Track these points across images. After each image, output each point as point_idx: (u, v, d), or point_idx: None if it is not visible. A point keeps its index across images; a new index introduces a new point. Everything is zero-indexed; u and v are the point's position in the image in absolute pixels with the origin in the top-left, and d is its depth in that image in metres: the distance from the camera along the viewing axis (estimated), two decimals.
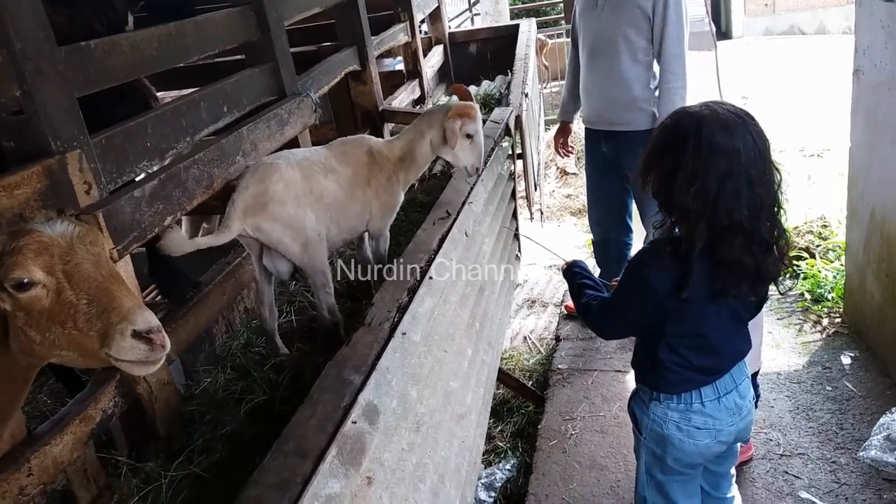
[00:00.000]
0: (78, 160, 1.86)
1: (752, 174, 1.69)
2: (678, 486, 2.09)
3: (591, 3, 3.69)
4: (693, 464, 2.05)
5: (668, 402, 1.97)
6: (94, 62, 2.02)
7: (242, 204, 2.23)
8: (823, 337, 3.93)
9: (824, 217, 5.02)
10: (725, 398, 1.95)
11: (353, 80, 4.11)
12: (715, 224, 1.71)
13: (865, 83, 3.49)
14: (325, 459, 1.39)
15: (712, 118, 1.70)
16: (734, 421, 1.97)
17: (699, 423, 1.94)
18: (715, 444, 1.98)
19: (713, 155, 1.68)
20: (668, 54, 3.49)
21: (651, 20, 3.48)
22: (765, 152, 1.72)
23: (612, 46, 3.61)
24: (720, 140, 1.68)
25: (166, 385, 2.13)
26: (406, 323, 1.99)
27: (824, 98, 8.42)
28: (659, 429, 1.99)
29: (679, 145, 1.73)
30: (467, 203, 2.88)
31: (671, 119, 1.81)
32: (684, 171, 1.71)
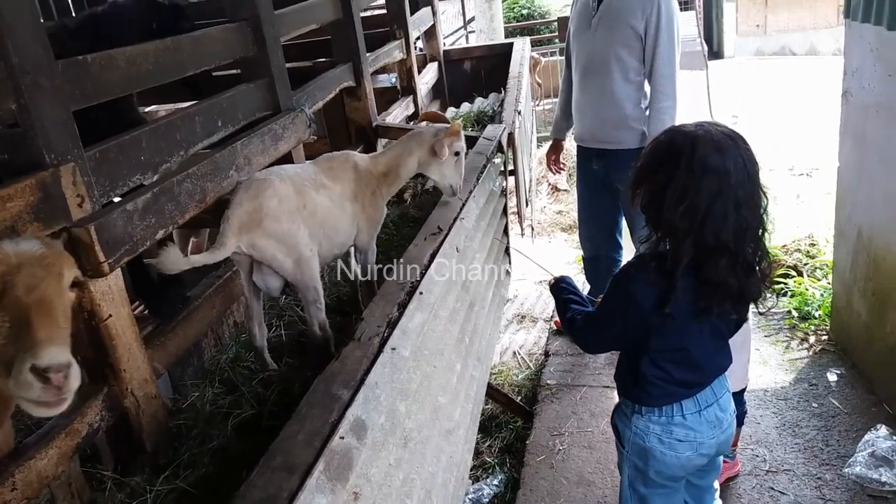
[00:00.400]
0: (72, 173, 1.87)
1: (739, 196, 1.72)
2: (661, 499, 2.11)
3: (584, 22, 3.73)
4: (675, 476, 2.07)
5: (650, 415, 2.00)
6: (90, 76, 2.04)
7: (237, 221, 2.23)
8: (810, 354, 3.97)
9: (812, 236, 5.07)
10: (706, 411, 1.98)
11: (347, 96, 4.14)
12: (701, 243, 1.73)
13: (854, 105, 3.54)
14: (312, 475, 1.39)
15: (706, 138, 1.73)
16: (715, 434, 2.00)
17: (681, 435, 1.97)
18: (696, 456, 2.01)
19: (704, 175, 1.70)
20: (659, 74, 3.54)
21: (643, 40, 3.54)
22: (754, 175, 1.75)
23: (604, 66, 3.65)
24: (712, 161, 1.70)
25: (154, 399, 2.14)
26: (396, 338, 2.01)
27: (814, 118, 8.51)
28: (641, 441, 2.01)
29: (671, 163, 1.75)
30: (459, 219, 2.91)
31: (665, 136, 1.83)
32: (674, 188, 1.73)
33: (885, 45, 3.14)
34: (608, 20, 3.60)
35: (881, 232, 3.37)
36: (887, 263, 3.32)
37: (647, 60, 3.57)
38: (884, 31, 3.10)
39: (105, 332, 1.96)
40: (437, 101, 6.25)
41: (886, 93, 3.18)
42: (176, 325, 2.34)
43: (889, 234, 3.29)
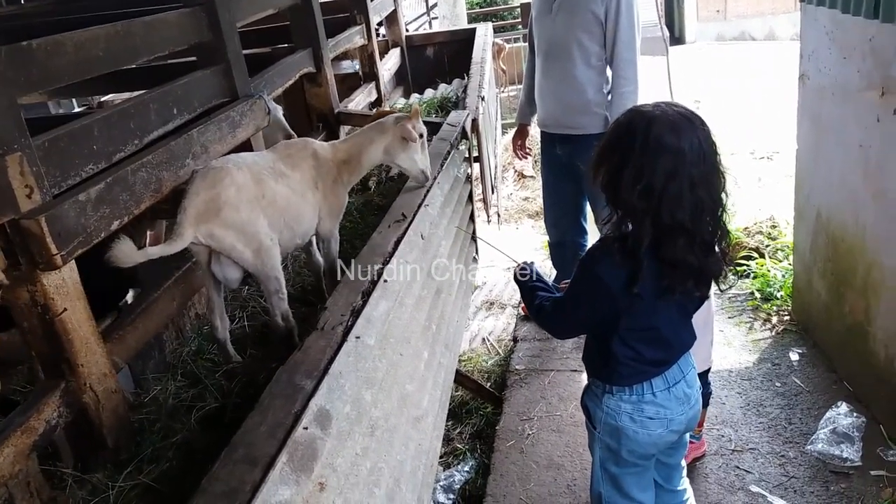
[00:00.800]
0: (19, 163, 1.80)
1: (694, 176, 1.72)
2: (632, 478, 2.13)
3: (545, 8, 3.73)
4: (647, 455, 2.10)
5: (621, 394, 2.01)
6: (36, 62, 1.96)
7: (194, 210, 2.17)
8: (773, 334, 4.04)
9: (773, 218, 5.16)
10: (675, 388, 2.01)
11: (308, 83, 4.07)
12: (658, 222, 1.74)
13: (810, 88, 3.59)
14: (276, 466, 1.37)
15: (662, 118, 1.74)
16: (684, 410, 2.04)
17: (651, 413, 2.00)
18: (667, 433, 2.04)
19: (659, 154, 1.71)
20: (621, 59, 3.55)
21: (604, 25, 3.54)
22: (709, 155, 1.76)
23: (565, 51, 3.66)
24: (667, 140, 1.71)
25: (114, 393, 2.08)
26: (360, 326, 1.98)
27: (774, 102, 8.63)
28: (613, 421, 2.03)
29: (628, 142, 1.76)
30: (423, 206, 2.88)
31: (624, 117, 1.83)
32: (631, 167, 1.74)
33: (839, 28, 3.18)
34: (568, 5, 3.60)
35: (838, 213, 3.43)
36: (845, 244, 3.38)
37: (608, 45, 3.58)
38: (838, 14, 3.14)
39: (60, 327, 1.90)
40: (400, 88, 6.21)
41: (841, 75, 3.22)
42: (135, 318, 2.28)
43: (846, 215, 3.35)
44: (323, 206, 2.66)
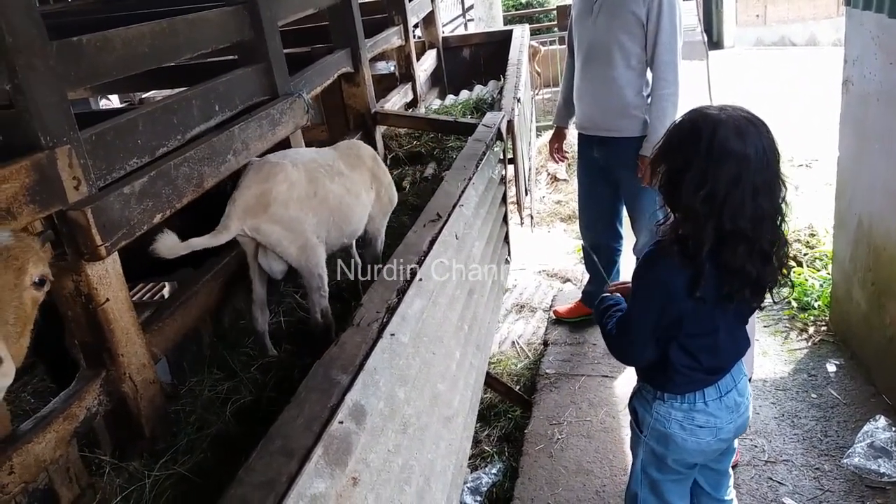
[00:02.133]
0: (67, 155, 1.84)
1: (757, 183, 1.70)
2: (673, 485, 2.12)
3: (585, 9, 3.69)
4: (692, 463, 2.09)
5: (673, 401, 1.99)
6: (85, 58, 2.01)
7: (243, 203, 2.21)
8: (809, 345, 3.96)
9: (812, 226, 5.06)
10: (727, 397, 1.98)
11: (345, 82, 4.10)
12: (720, 228, 1.72)
13: (854, 94, 3.52)
14: (311, 459, 1.38)
15: (728, 123, 1.71)
16: (733, 419, 2.01)
17: (702, 422, 1.98)
18: (716, 441, 2.01)
19: (724, 159, 1.68)
20: (661, 61, 3.51)
21: (645, 27, 3.50)
22: (772, 162, 1.73)
23: (606, 53, 3.61)
24: (732, 145, 1.68)
25: (152, 384, 2.12)
26: (395, 324, 1.99)
27: (813, 109, 8.48)
28: (662, 427, 2.01)
29: (692, 145, 1.73)
30: (458, 206, 2.89)
31: (688, 118, 1.80)
32: (694, 171, 1.72)
33: (886, 32, 3.12)
34: (609, 6, 3.56)
35: (881, 221, 3.36)
36: (887, 253, 3.31)
37: (648, 47, 3.53)
38: (885, 19, 3.08)
39: (102, 317, 1.94)
40: (436, 89, 6.22)
41: (887, 81, 3.15)
42: (174, 311, 2.32)
43: (889, 224, 3.27)
44: (376, 206, 2.71)
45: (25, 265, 1.49)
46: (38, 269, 1.53)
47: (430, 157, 4.32)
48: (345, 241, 2.63)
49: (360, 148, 2.73)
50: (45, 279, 1.57)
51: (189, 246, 2.05)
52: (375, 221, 2.75)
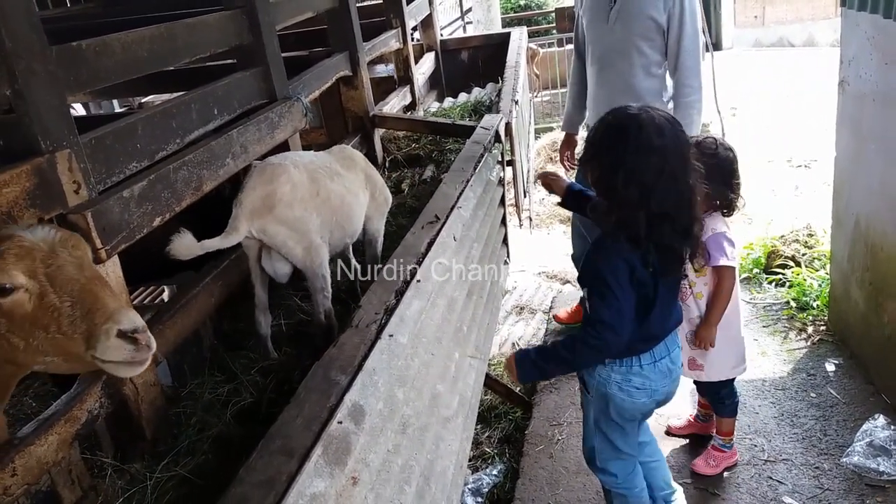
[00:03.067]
0: (67, 160, 1.86)
1: (676, 171, 1.96)
2: (620, 436, 2.36)
3: (599, 15, 3.54)
4: (632, 418, 2.33)
5: (612, 365, 2.21)
6: (85, 62, 2.03)
7: (250, 205, 2.23)
8: (808, 344, 3.97)
9: (810, 226, 5.07)
10: (660, 363, 2.22)
11: (344, 86, 4.12)
12: (650, 213, 1.95)
13: (850, 94, 3.54)
14: (311, 458, 1.39)
15: (649, 121, 1.95)
16: (666, 383, 2.27)
17: (638, 384, 2.21)
18: (650, 402, 2.27)
19: (649, 154, 1.94)
20: (685, 67, 3.40)
21: (665, 34, 3.39)
22: (685, 153, 2.00)
23: (624, 59, 3.49)
24: (655, 141, 1.93)
25: (153, 386, 2.13)
26: (393, 325, 2.01)
27: (812, 110, 8.50)
28: (603, 388, 2.25)
29: (622, 144, 1.97)
30: (456, 208, 2.90)
31: (614, 118, 2.02)
32: (626, 167, 1.95)
33: (882, 33, 3.13)
34: (627, 13, 3.41)
35: (878, 221, 3.37)
36: (884, 253, 3.32)
37: (669, 53, 3.42)
38: (880, 20, 3.09)
39: None
40: (434, 91, 6.24)
41: (883, 81, 3.17)
42: (174, 314, 2.33)
43: (886, 224, 3.28)
44: (372, 206, 2.75)
45: (85, 247, 1.52)
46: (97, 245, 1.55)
47: (429, 160, 4.33)
48: (347, 240, 2.66)
49: (351, 151, 2.80)
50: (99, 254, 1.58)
51: (204, 247, 2.08)
52: (373, 221, 2.79)
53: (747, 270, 4.85)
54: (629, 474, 2.44)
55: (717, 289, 2.70)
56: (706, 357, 2.82)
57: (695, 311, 2.77)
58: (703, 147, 2.57)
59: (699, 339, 2.75)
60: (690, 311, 2.77)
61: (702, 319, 2.75)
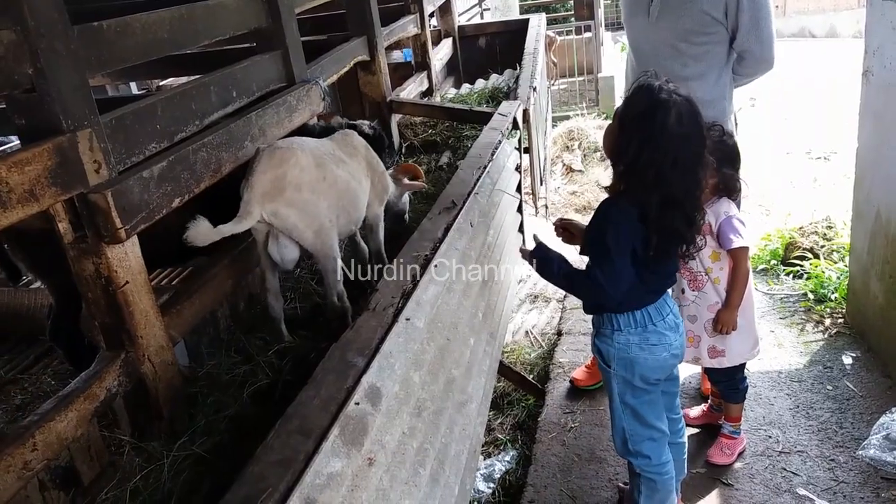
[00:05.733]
0: (88, 139, 1.87)
1: (691, 161, 2.05)
2: (648, 407, 2.40)
3: (639, 9, 3.15)
4: (655, 379, 2.38)
5: (628, 328, 2.30)
6: (106, 42, 2.03)
7: (261, 188, 2.23)
8: (825, 337, 3.94)
9: (829, 218, 5.01)
10: (667, 318, 2.33)
11: (361, 70, 4.12)
12: (662, 197, 2.04)
13: (875, 84, 3.48)
14: (328, 438, 1.40)
15: (673, 107, 2.00)
16: (677, 336, 2.36)
17: (655, 340, 2.31)
18: (670, 357, 2.35)
19: (670, 141, 2.00)
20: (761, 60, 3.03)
21: (725, 22, 2.98)
22: (701, 144, 2.08)
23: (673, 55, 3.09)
24: (678, 129, 2.00)
25: (170, 366, 2.15)
26: (410, 309, 2.01)
27: (832, 102, 8.40)
28: (625, 354, 2.33)
29: (646, 127, 2.02)
30: (473, 194, 2.89)
31: (640, 100, 2.05)
32: (646, 150, 2.01)
33: None
34: (673, 6, 3.03)
35: None
36: None
37: (740, 39, 3.00)
38: None
39: (122, 299, 1.97)
40: (452, 78, 6.22)
41: None
42: (192, 294, 2.35)
43: None
44: (371, 193, 2.75)
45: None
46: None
47: (446, 146, 4.32)
48: (352, 227, 2.67)
49: (353, 137, 2.78)
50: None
51: (219, 232, 2.09)
52: (373, 208, 2.81)
53: (764, 262, 4.81)
54: (661, 456, 2.46)
55: (734, 271, 2.70)
56: (726, 342, 2.81)
57: (713, 298, 2.76)
58: (710, 134, 2.58)
59: (721, 323, 2.74)
60: (709, 298, 2.77)
61: (722, 304, 2.74)
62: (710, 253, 2.72)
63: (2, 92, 1.75)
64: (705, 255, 2.72)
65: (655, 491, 2.49)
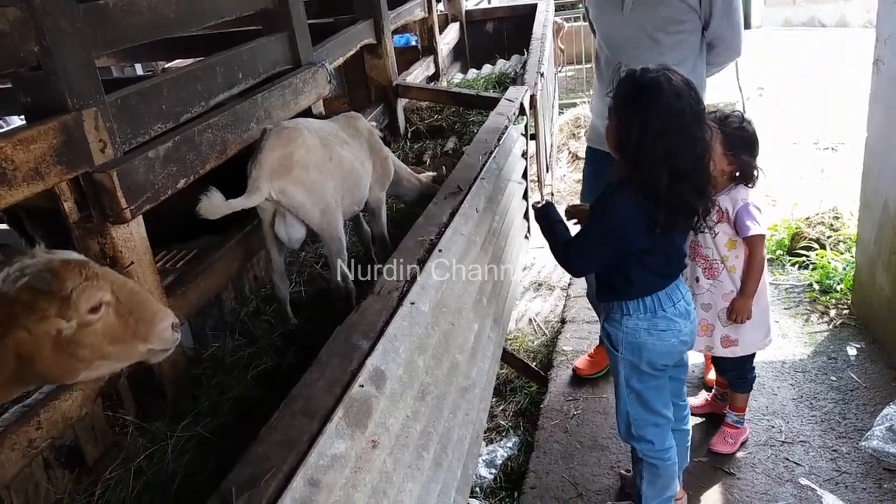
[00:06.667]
0: (94, 118, 1.86)
1: (694, 131, 2.07)
2: (654, 392, 2.42)
3: (612, 2, 3.04)
4: (663, 365, 2.39)
5: (637, 314, 2.32)
6: (112, 21, 2.02)
7: (269, 166, 2.24)
8: (830, 328, 3.92)
9: (836, 209, 4.98)
10: (678, 304, 2.34)
11: (368, 54, 4.09)
12: (671, 171, 2.05)
13: (885, 73, 3.45)
14: (332, 420, 1.40)
15: (668, 84, 2.04)
16: (687, 323, 2.36)
17: (664, 326, 2.32)
18: (679, 343, 2.36)
19: (671, 116, 2.04)
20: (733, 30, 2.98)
21: (699, 9, 2.92)
22: (701, 114, 2.12)
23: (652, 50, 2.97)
24: (675, 104, 2.03)
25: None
26: (415, 293, 2.00)
27: (841, 92, 8.32)
28: (634, 339, 2.34)
29: (647, 106, 2.05)
30: (479, 179, 2.88)
31: (636, 81, 2.09)
32: (651, 127, 2.04)
33: None
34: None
35: None
36: None
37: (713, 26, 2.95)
38: None
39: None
40: (458, 63, 6.18)
41: None
42: (197, 276, 2.35)
43: None
44: (374, 176, 2.75)
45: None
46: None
47: (452, 131, 4.30)
48: (355, 208, 2.67)
49: (357, 120, 2.79)
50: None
51: (230, 206, 2.09)
52: (375, 191, 2.82)
53: (770, 252, 4.79)
54: (665, 442, 2.48)
55: (750, 258, 2.69)
56: (740, 331, 2.80)
57: (729, 286, 2.75)
58: (729, 121, 2.63)
59: (736, 311, 2.73)
60: (724, 287, 2.75)
61: (737, 292, 2.73)
62: (725, 241, 2.70)
63: (8, 69, 1.74)
64: (721, 243, 2.71)
65: (658, 476, 2.51)
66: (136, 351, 1.60)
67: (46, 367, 1.47)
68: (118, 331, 1.55)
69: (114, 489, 1.87)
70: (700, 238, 2.76)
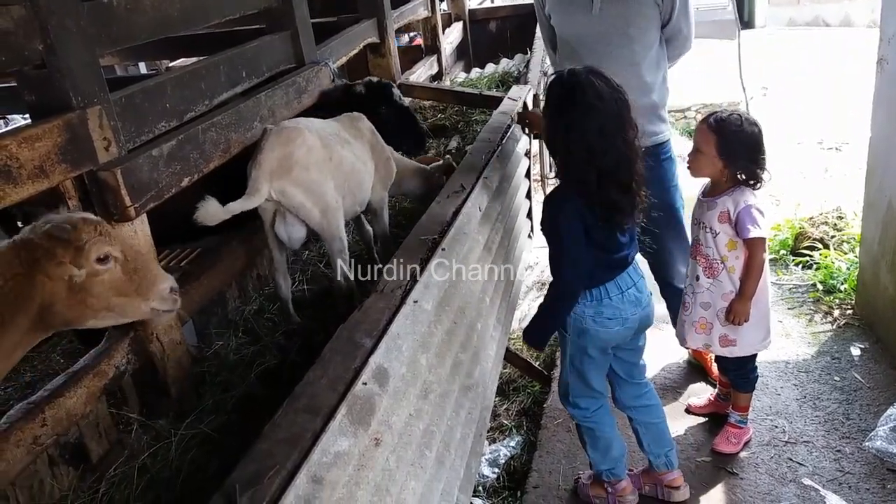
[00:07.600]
0: (98, 116, 1.87)
1: (613, 131, 2.14)
2: (594, 371, 2.57)
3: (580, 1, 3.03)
4: (606, 349, 2.52)
5: (584, 301, 2.40)
6: (116, 20, 2.03)
7: (269, 167, 2.24)
8: (834, 328, 3.91)
9: (840, 209, 4.97)
10: (627, 293, 2.42)
11: (371, 53, 4.10)
12: (598, 171, 2.14)
13: (889, 73, 3.44)
14: (336, 417, 1.40)
15: (590, 84, 2.12)
16: (637, 311, 2.45)
17: (609, 314, 2.41)
18: (624, 329, 2.46)
19: (592, 116, 2.12)
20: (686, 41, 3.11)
21: (660, 6, 2.98)
22: (623, 114, 2.17)
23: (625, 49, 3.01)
24: (596, 104, 2.12)
25: (179, 345, 2.16)
26: (418, 291, 2.00)
27: (845, 92, 8.30)
28: (580, 324, 2.45)
29: (571, 108, 2.14)
30: (482, 178, 2.88)
31: (561, 83, 2.18)
32: (573, 128, 2.14)
33: None
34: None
35: None
36: None
37: (673, 24, 3.03)
38: None
39: None
40: (461, 62, 6.18)
41: None
42: (201, 275, 2.35)
43: None
44: (375, 176, 2.75)
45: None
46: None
47: (455, 130, 4.30)
48: (357, 208, 2.67)
49: (360, 120, 2.79)
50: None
51: (228, 211, 2.09)
52: (377, 192, 2.82)
53: (773, 252, 4.78)
54: (597, 410, 2.65)
55: (749, 261, 2.67)
56: (738, 331, 2.79)
57: (728, 287, 2.74)
58: (727, 123, 2.57)
59: (734, 313, 2.72)
60: (723, 287, 2.75)
61: (736, 294, 2.72)
62: (726, 241, 2.69)
63: (12, 67, 1.75)
64: (721, 243, 2.70)
65: (597, 439, 2.69)
66: (139, 308, 1.75)
67: (62, 308, 1.64)
68: (123, 285, 1.71)
69: (118, 486, 1.88)
70: (701, 237, 2.76)
